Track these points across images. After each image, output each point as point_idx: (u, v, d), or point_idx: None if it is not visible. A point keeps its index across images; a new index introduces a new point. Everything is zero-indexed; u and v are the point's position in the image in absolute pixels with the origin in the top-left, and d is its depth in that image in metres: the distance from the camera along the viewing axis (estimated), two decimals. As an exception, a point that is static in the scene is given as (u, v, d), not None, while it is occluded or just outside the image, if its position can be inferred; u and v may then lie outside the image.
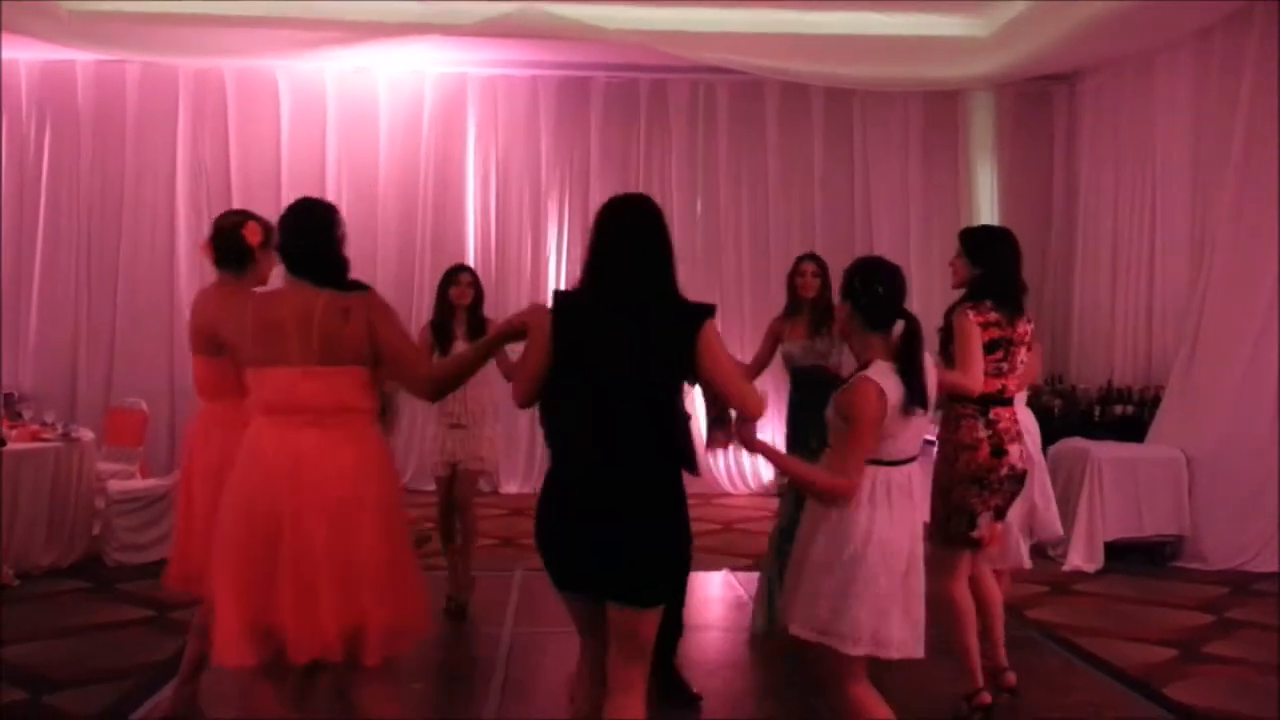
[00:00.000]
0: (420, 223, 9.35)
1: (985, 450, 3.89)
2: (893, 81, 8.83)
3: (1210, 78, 7.26)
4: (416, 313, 8.41)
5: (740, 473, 9.44)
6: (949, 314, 4.00)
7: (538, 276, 9.37)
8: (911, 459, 3.07)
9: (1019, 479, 3.96)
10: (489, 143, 9.47)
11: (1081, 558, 6.60)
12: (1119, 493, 6.73)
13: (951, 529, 3.94)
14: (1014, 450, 3.92)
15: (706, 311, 2.69)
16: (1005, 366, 3.95)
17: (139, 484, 6.71)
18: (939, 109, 9.45)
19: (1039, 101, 9.45)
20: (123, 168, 9.11)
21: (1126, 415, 7.52)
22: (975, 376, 3.84)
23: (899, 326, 3.02)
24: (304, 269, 2.95)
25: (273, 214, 10.61)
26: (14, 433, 6.24)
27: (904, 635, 2.94)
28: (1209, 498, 6.71)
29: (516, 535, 7.31)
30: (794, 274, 5.05)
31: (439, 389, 3.03)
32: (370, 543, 2.82)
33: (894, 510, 2.97)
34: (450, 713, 4.26)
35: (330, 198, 9.16)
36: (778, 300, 9.65)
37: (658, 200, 3.03)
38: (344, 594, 2.77)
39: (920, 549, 3.05)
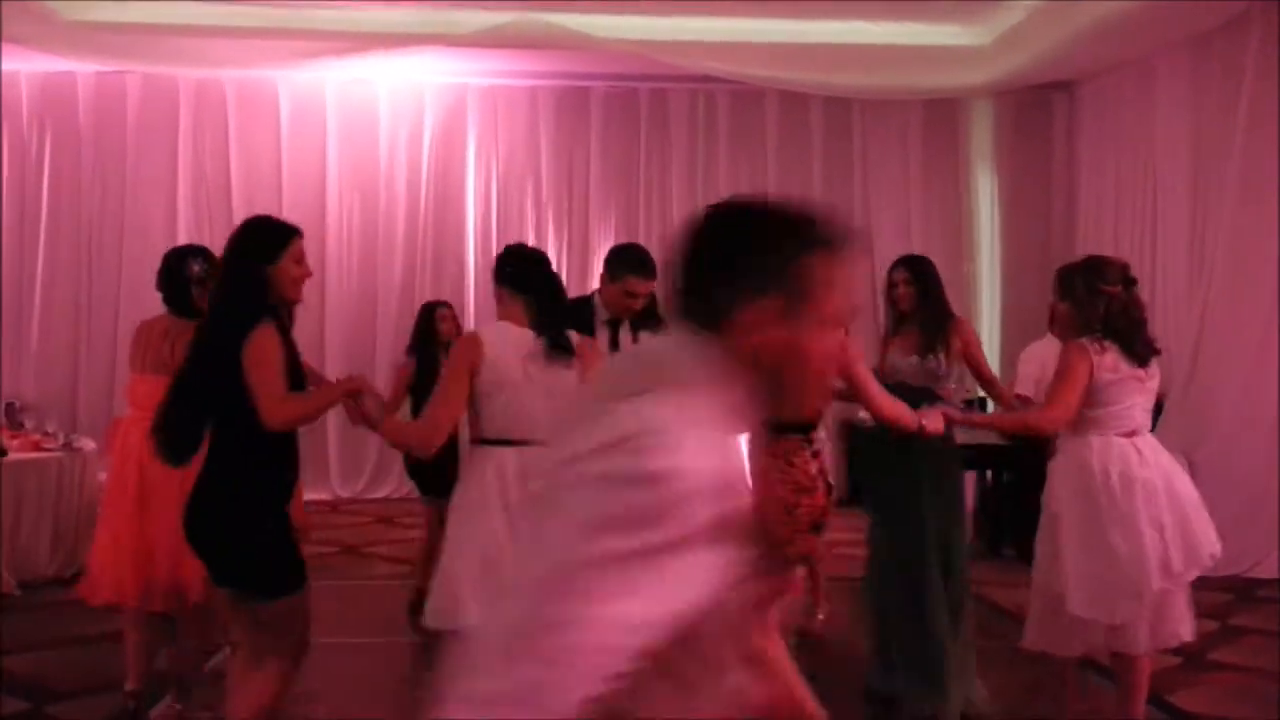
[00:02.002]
0: (421, 232, 9.35)
1: (824, 493, 3.41)
2: (892, 90, 8.84)
3: (1210, 82, 7.27)
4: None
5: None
6: None
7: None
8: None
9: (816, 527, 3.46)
10: (490, 153, 9.48)
11: (1084, 564, 6.58)
12: (1121, 499, 6.70)
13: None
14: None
15: (250, 324, 2.86)
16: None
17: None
18: (938, 118, 9.46)
19: (1038, 109, 9.45)
20: (124, 179, 9.12)
21: (1128, 422, 7.50)
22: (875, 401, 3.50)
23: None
24: (164, 299, 3.92)
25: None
26: (15, 442, 6.24)
27: None
28: (1212, 504, 6.55)
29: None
30: (886, 285, 4.50)
31: None
32: (169, 513, 3.41)
33: (510, 499, 2.90)
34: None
35: (331, 208, 9.31)
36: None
37: (657, 209, 3.13)
38: (150, 550, 3.75)
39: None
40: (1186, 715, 4.30)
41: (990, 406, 6.64)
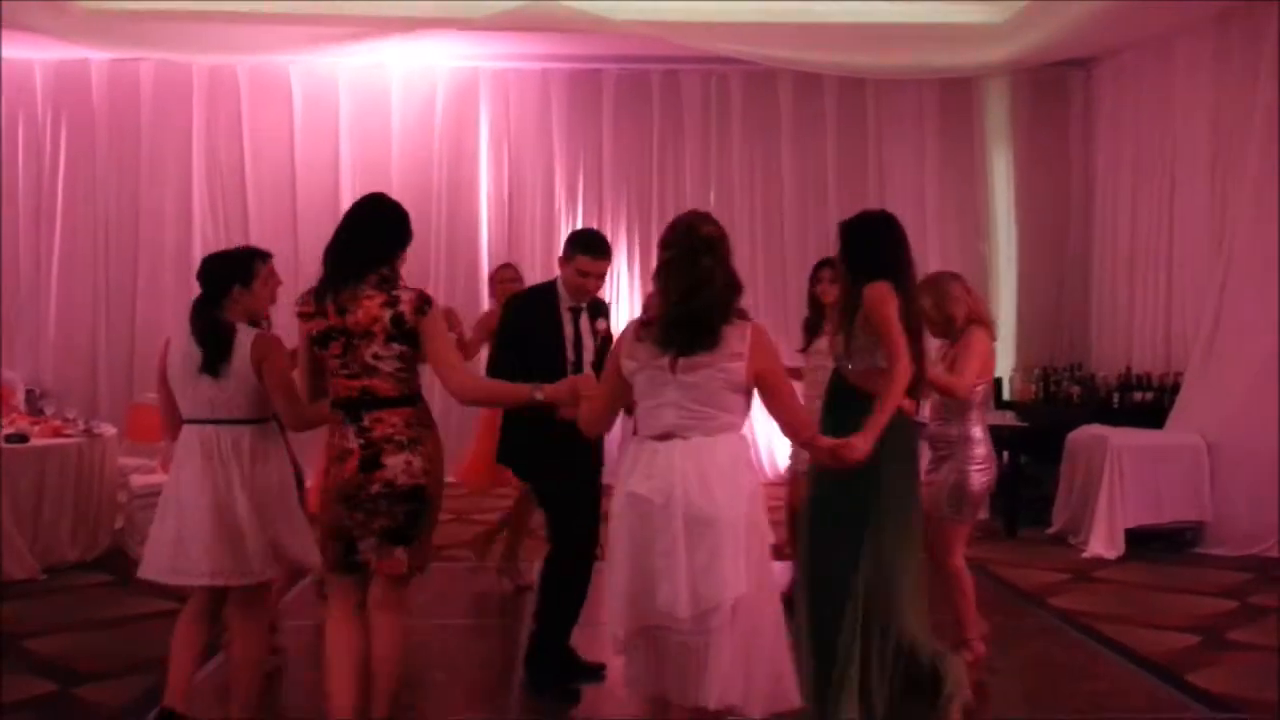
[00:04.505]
0: (434, 217, 9.34)
1: (354, 463, 3.18)
2: (907, 70, 8.78)
3: (1229, 61, 7.20)
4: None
5: (756, 460, 9.45)
6: None
7: (551, 270, 9.35)
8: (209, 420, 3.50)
9: (407, 495, 3.17)
10: (501, 137, 9.47)
11: (1102, 545, 6.58)
12: (1139, 480, 6.70)
13: (326, 555, 3.35)
14: (395, 462, 3.17)
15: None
16: (352, 363, 3.18)
17: (161, 478, 6.73)
18: (954, 97, 9.39)
19: (1055, 88, 9.38)
20: (138, 165, 9.16)
21: (1146, 402, 7.49)
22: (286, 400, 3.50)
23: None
24: None
25: (287, 211, 10.61)
26: (36, 429, 6.29)
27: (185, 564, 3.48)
28: (1230, 484, 6.67)
29: (535, 526, 7.31)
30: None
31: None
32: None
33: (191, 466, 3.47)
34: (471, 705, 4.28)
35: (343, 193, 9.33)
36: (793, 291, 9.70)
37: (671, 192, 3.14)
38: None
39: (225, 501, 3.43)
40: (1204, 694, 4.29)
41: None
